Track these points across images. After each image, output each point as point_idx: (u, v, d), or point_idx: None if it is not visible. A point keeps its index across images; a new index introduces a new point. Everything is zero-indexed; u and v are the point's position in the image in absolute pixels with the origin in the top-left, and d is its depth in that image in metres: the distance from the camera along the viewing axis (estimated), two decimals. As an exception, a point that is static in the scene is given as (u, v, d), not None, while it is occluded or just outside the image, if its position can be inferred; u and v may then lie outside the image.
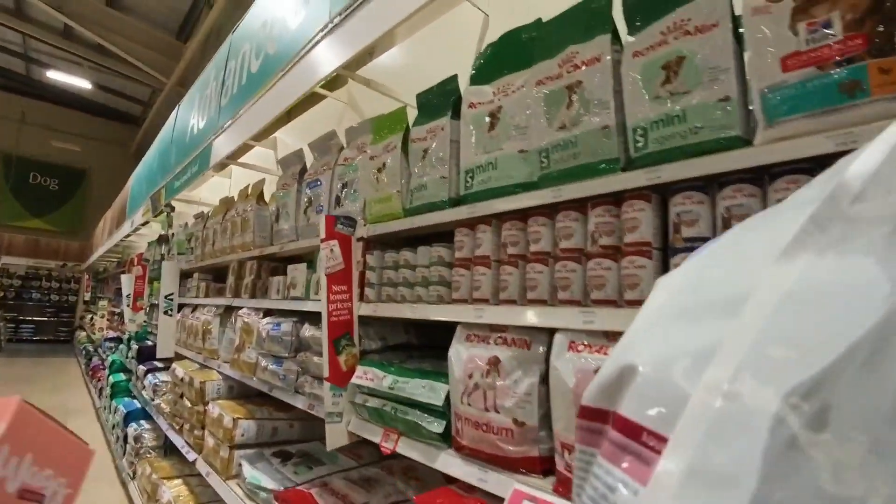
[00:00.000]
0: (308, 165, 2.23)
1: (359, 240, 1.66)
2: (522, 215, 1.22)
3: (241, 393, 2.79)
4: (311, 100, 2.59)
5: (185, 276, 3.62)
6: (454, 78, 1.51)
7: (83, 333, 11.03)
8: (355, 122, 2.02)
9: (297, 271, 2.10)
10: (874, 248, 0.30)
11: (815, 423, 0.27)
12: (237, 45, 2.81)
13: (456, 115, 1.46)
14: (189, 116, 3.43)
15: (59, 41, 10.77)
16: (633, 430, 0.39)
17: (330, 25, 2.04)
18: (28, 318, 13.46)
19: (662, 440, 0.35)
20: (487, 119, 1.33)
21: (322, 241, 1.57)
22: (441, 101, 1.52)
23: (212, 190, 4.33)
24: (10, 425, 0.48)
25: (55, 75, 11.05)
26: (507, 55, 1.36)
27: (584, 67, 1.11)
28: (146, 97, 12.96)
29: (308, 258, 2.18)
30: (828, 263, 0.32)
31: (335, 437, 1.56)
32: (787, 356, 0.30)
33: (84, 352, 9.54)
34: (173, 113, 3.98)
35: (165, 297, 3.52)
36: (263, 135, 2.88)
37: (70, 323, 13.91)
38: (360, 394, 1.55)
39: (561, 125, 1.12)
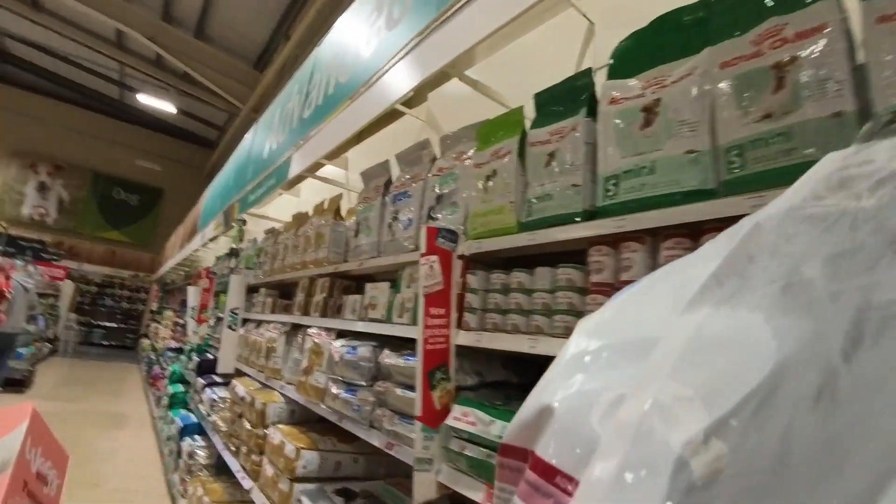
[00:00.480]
0: (394, 177, 2.05)
1: (459, 257, 1.43)
2: (691, 231, 0.95)
3: (302, 417, 2.58)
4: (386, 119, 2.45)
5: (251, 290, 3.52)
6: (587, 72, 1.28)
7: (147, 341, 11.37)
8: (433, 140, 1.85)
9: (378, 290, 1.88)
10: (764, 305, 0.34)
11: (709, 470, 0.29)
12: (321, 59, 2.73)
13: (591, 113, 1.22)
14: (269, 132, 3.40)
15: (151, 69, 11.55)
16: (547, 471, 0.40)
17: (418, 40, 1.89)
18: (100, 324, 14.10)
19: (574, 483, 0.37)
20: (640, 115, 1.08)
21: (422, 255, 1.35)
22: (570, 98, 1.29)
23: (279, 209, 4.29)
24: (30, 422, 0.59)
25: (144, 99, 11.80)
26: (661, 42, 1.12)
27: (797, 41, 0.84)
28: (222, 122, 13.63)
29: (389, 277, 1.97)
30: (724, 317, 0.35)
31: (423, 487, 1.30)
32: (685, 407, 0.32)
33: (146, 359, 9.77)
34: (251, 130, 3.99)
35: (231, 310, 3.41)
36: (337, 153, 2.76)
37: (136, 330, 14.45)
38: (457, 439, 1.28)
39: (765, 114, 0.85)
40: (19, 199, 13.21)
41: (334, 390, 1.89)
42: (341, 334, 2.11)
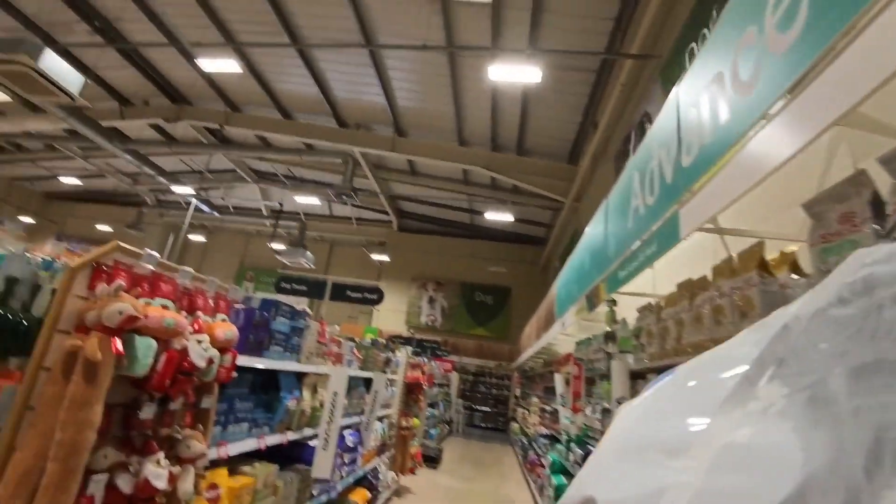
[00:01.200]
0: (883, 191, 1.27)
1: None
2: None
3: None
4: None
5: (635, 376, 3.02)
6: None
7: (516, 425, 12.13)
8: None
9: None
10: (793, 415, 0.33)
11: None
12: (686, 95, 2.25)
13: None
14: (626, 204, 3.06)
15: (489, 192, 13.63)
16: None
17: None
18: (477, 408, 16.10)
19: None
20: None
21: None
22: None
23: (632, 286, 3.79)
24: None
25: (489, 216, 13.89)
26: None
27: None
28: (548, 219, 14.67)
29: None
30: (755, 423, 0.35)
31: None
32: None
33: (519, 443, 10.28)
34: (601, 211, 3.77)
35: (617, 400, 2.96)
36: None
37: (505, 414, 15.83)
38: None
39: None
40: (418, 311, 17.06)
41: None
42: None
